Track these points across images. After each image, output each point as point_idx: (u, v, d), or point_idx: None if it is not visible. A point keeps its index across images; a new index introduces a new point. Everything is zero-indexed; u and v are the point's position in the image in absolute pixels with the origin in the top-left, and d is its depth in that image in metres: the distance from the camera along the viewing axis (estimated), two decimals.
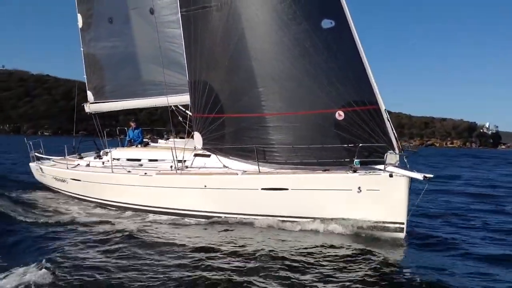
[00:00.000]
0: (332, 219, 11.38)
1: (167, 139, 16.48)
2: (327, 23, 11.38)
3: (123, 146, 17.22)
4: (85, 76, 17.71)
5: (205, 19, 12.59)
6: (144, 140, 17.16)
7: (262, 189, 11.90)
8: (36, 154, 18.27)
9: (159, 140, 16.80)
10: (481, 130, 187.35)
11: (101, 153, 16.87)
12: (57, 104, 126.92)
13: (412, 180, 10.76)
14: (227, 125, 12.75)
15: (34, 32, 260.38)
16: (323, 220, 11.43)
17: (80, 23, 17.27)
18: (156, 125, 16.95)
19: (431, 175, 10.65)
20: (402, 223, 10.99)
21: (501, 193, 22.87)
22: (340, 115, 11.41)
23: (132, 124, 17.16)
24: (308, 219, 11.58)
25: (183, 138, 15.47)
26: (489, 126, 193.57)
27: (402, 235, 11.00)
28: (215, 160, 13.18)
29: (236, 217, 12.31)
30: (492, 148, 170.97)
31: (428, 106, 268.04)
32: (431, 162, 49.42)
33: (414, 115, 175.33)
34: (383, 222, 11.12)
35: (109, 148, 16.92)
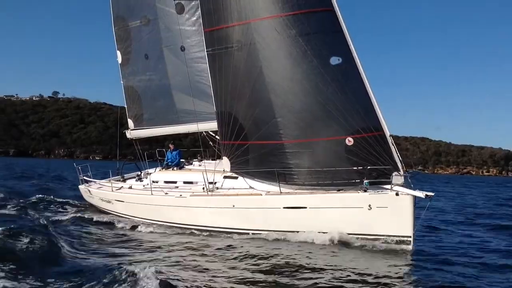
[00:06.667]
0: (346, 233, 12.74)
1: (201, 160, 18.16)
2: (335, 60, 12.83)
3: (161, 167, 18.92)
4: (125, 106, 19.66)
5: (228, 58, 14.20)
6: (181, 160, 18.84)
7: (284, 207, 13.38)
8: (84, 177, 20.25)
9: (194, 162, 18.47)
10: None
11: (142, 175, 18.70)
12: (108, 130, 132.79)
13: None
14: (251, 151, 14.30)
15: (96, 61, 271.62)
16: (338, 234, 12.79)
17: (119, 59, 19.26)
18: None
19: (432, 194, 11.95)
20: (409, 236, 12.28)
21: None
22: (349, 141, 12.80)
23: (171, 146, 18.91)
24: (325, 233, 12.94)
25: (215, 159, 17.15)
26: None
27: (409, 247, 12.26)
28: (242, 182, 14.73)
29: (261, 233, 13.78)
30: None
31: (468, 133, 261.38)
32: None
33: (454, 143, 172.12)
34: (392, 236, 12.42)
35: (149, 169, 18.81)
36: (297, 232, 13.23)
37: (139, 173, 19.29)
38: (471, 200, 35.34)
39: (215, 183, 15.09)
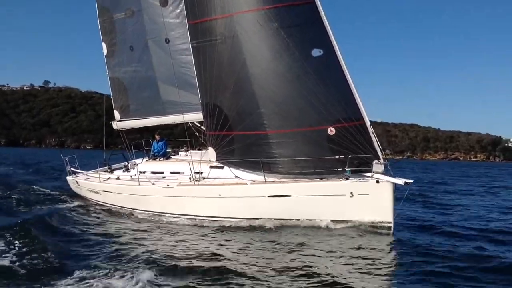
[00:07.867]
0: (329, 220, 13.15)
1: (187, 150, 18.43)
2: (316, 52, 13.12)
3: (148, 157, 19.14)
4: (111, 97, 19.81)
5: (212, 50, 14.42)
6: (167, 150, 19.06)
7: (269, 196, 13.74)
8: (72, 169, 20.42)
9: (180, 152, 18.72)
10: (506, 144, 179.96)
11: (129, 165, 18.91)
12: (99, 119, 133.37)
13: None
14: (236, 141, 14.61)
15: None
16: (321, 220, 13.20)
17: (105, 51, 19.38)
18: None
19: (411, 181, 12.38)
20: (390, 222, 12.73)
21: None
22: (331, 130, 13.17)
23: (157, 136, 19.11)
24: (308, 220, 13.33)
25: (201, 149, 17.43)
26: None
27: (390, 232, 12.71)
28: (228, 172, 15.05)
29: (247, 221, 14.12)
30: None
31: (457, 120, 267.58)
32: None
33: (443, 129, 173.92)
34: (373, 222, 12.86)
35: (136, 159, 19.03)
36: (281, 219, 13.60)
37: (126, 163, 19.48)
38: None
39: (202, 173, 15.37)
